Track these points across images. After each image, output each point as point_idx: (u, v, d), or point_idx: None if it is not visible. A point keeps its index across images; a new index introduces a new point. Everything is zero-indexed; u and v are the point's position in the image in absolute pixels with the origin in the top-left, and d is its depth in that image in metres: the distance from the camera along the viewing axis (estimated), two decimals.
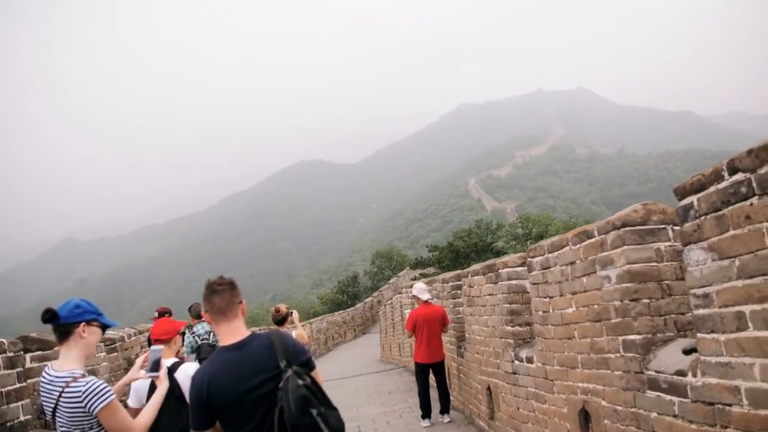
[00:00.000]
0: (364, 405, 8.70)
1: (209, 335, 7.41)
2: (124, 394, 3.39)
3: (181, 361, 3.85)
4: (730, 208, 2.12)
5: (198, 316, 7.76)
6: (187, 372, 3.52)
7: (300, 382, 2.32)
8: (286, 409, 2.26)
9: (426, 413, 6.84)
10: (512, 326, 4.65)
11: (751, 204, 2.02)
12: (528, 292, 4.31)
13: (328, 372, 15.25)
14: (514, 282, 4.63)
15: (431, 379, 6.99)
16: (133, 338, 7.14)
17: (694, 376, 2.41)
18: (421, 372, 6.89)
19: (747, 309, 2.08)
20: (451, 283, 6.82)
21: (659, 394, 2.69)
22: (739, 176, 2.07)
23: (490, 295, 5.10)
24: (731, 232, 2.13)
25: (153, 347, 3.37)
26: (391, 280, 36.28)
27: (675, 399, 2.56)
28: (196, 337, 7.34)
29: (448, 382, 7.16)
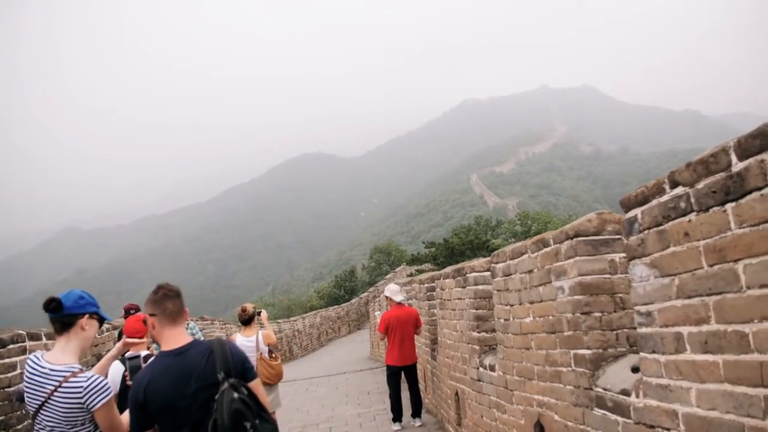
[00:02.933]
0: (341, 405, 8.64)
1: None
2: None
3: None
4: (670, 223, 2.01)
5: None
6: None
7: (235, 395, 2.37)
8: (219, 422, 2.31)
9: (397, 417, 6.74)
10: (478, 332, 4.54)
11: (690, 220, 1.91)
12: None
13: (315, 369, 15.23)
14: (480, 287, 4.52)
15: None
16: (106, 333, 7.06)
17: (637, 396, 2.31)
18: (393, 375, 6.77)
19: (685, 330, 1.97)
20: (426, 285, 6.71)
21: (605, 412, 2.58)
22: (679, 190, 1.96)
23: (459, 299, 4.99)
24: (671, 249, 2.02)
25: (129, 355, 3.58)
26: (388, 276, 36.15)
27: (619, 419, 2.45)
28: None
29: (423, 384, 7.06)
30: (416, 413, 6.77)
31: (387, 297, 6.94)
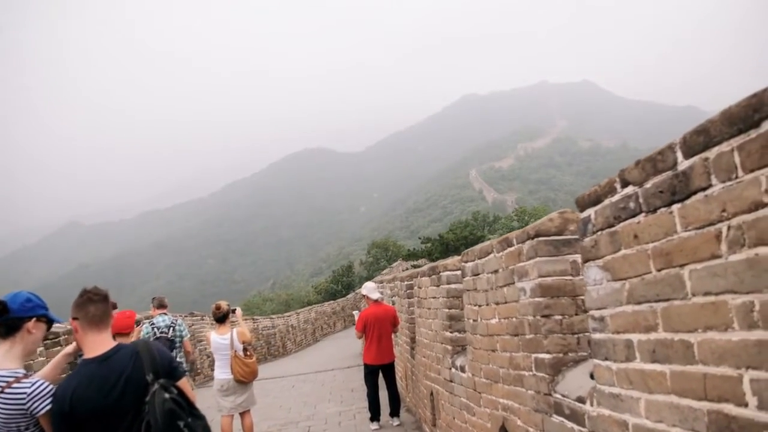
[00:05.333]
0: (324, 403, 8.56)
1: (168, 329, 7.17)
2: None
3: None
4: (621, 224, 1.90)
5: (160, 307, 7.51)
6: None
7: (166, 395, 2.36)
8: (153, 423, 2.30)
9: (375, 416, 6.64)
10: (451, 332, 4.44)
11: (639, 222, 1.79)
12: None
13: (305, 365, 15.16)
14: (453, 286, 4.42)
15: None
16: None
17: (592, 405, 2.20)
18: (371, 374, 6.65)
19: (635, 338, 1.86)
20: (406, 283, 6.61)
21: (563, 420, 2.48)
22: (629, 190, 1.84)
23: (433, 297, 4.89)
24: (622, 252, 1.90)
25: None
26: (385, 271, 36.10)
27: (575, 427, 2.35)
28: (156, 329, 7.12)
29: (404, 383, 6.97)
30: (394, 412, 6.67)
31: (364, 295, 6.84)
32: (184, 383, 2.54)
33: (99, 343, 2.41)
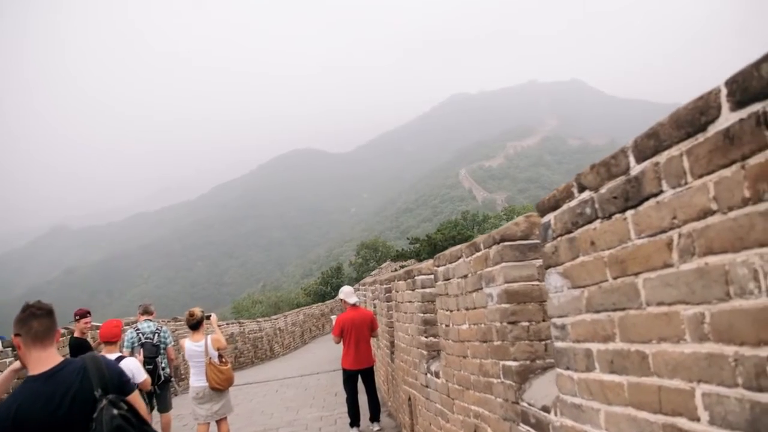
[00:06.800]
0: (306, 408, 8.47)
1: (153, 335, 7.14)
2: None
3: (124, 357, 4.57)
4: (579, 230, 1.84)
5: (145, 313, 7.54)
6: (127, 366, 4.20)
7: (115, 411, 2.30)
8: None
9: (354, 421, 6.56)
10: (426, 337, 4.37)
11: (595, 228, 1.73)
12: None
13: (291, 368, 15.07)
14: (428, 290, 4.34)
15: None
16: (60, 339, 6.84)
17: (556, 414, 2.15)
18: (349, 379, 6.56)
19: (594, 347, 1.81)
20: (384, 286, 6.53)
21: (529, 429, 2.41)
22: (586, 195, 1.78)
23: (409, 302, 4.82)
24: (580, 259, 1.84)
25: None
26: (374, 272, 36.03)
27: None
28: (141, 335, 7.09)
29: (385, 387, 6.90)
30: (374, 417, 6.58)
31: (341, 299, 6.76)
32: (136, 398, 2.50)
33: (44, 360, 2.34)
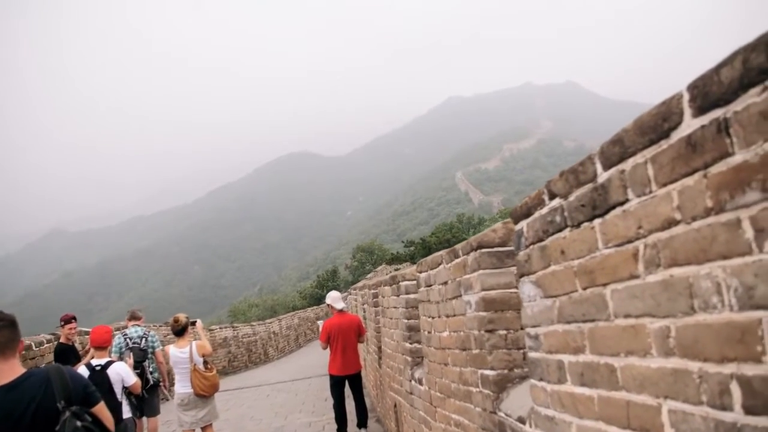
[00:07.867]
0: (295, 413, 8.40)
1: (141, 340, 7.11)
2: None
3: (113, 362, 4.74)
4: (550, 239, 1.79)
5: (133, 318, 7.55)
6: (117, 370, 4.61)
7: (78, 423, 2.28)
8: None
9: (341, 427, 6.51)
10: (410, 343, 4.32)
11: (565, 237, 1.68)
12: None
13: (283, 373, 15.01)
14: (412, 296, 4.28)
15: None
16: (46, 345, 6.76)
17: (531, 426, 2.10)
18: (336, 384, 6.51)
19: (566, 359, 1.75)
20: (372, 291, 6.48)
21: None
22: (556, 202, 1.73)
23: (394, 308, 4.76)
24: (552, 268, 1.79)
25: (95, 362, 4.31)
26: (370, 275, 35.97)
27: None
28: (128, 339, 7.06)
29: (374, 392, 6.83)
30: (362, 423, 6.52)
31: (328, 305, 6.70)
32: (101, 409, 2.45)
33: (6, 371, 2.28)
